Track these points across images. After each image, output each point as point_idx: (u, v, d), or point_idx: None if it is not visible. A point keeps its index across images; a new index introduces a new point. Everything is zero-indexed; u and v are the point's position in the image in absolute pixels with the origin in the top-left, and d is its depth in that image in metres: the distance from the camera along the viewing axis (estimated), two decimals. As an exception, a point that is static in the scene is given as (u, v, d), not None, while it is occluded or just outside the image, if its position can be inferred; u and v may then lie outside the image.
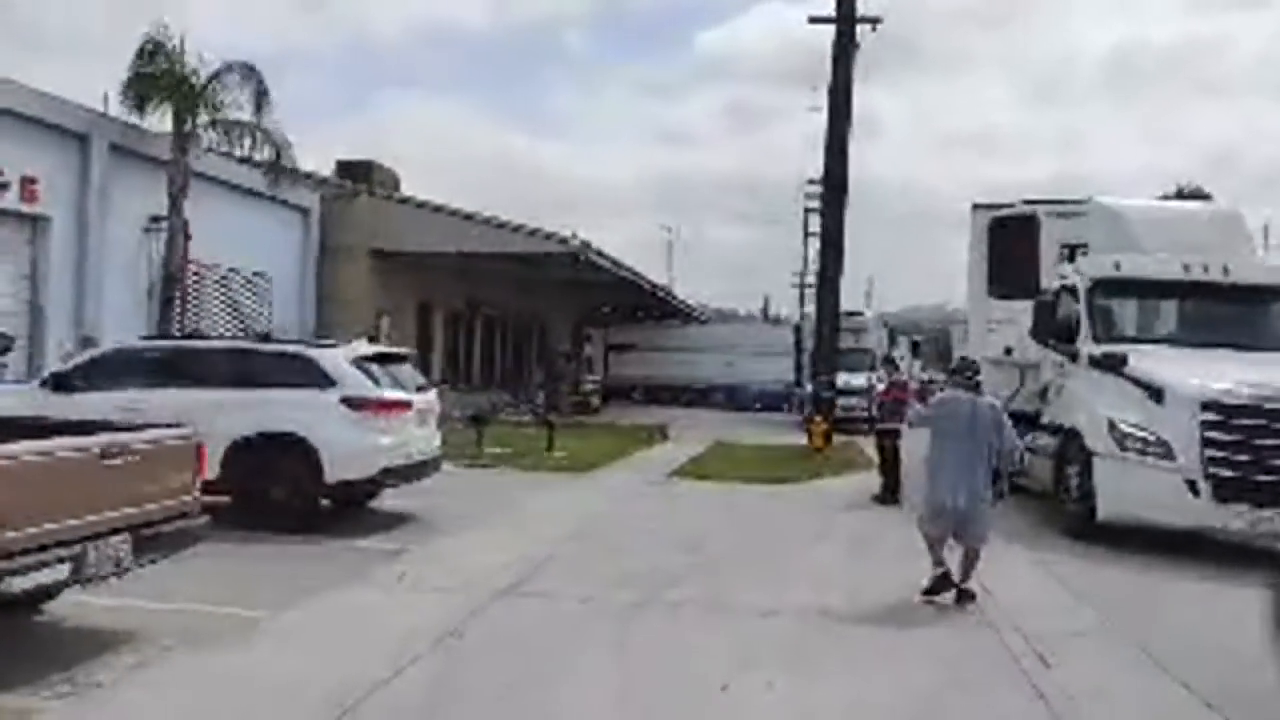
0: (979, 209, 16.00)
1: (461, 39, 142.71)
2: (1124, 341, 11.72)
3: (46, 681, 5.26)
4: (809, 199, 42.96)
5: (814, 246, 35.64)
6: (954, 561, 8.08)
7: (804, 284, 50.50)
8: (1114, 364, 11.16)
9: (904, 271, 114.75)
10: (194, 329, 16.26)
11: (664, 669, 6.13)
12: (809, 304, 39.25)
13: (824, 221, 22.51)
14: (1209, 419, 10.19)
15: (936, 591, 7.92)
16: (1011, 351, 14.33)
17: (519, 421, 23.32)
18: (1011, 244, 14.96)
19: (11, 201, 14.12)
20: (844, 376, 23.24)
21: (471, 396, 24.94)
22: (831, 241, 21.58)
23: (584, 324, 42.70)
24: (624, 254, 27.98)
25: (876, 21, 21.38)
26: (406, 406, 10.49)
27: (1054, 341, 12.59)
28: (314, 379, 10.05)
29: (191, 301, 17.48)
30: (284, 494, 9.71)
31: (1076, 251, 13.50)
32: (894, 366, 16.29)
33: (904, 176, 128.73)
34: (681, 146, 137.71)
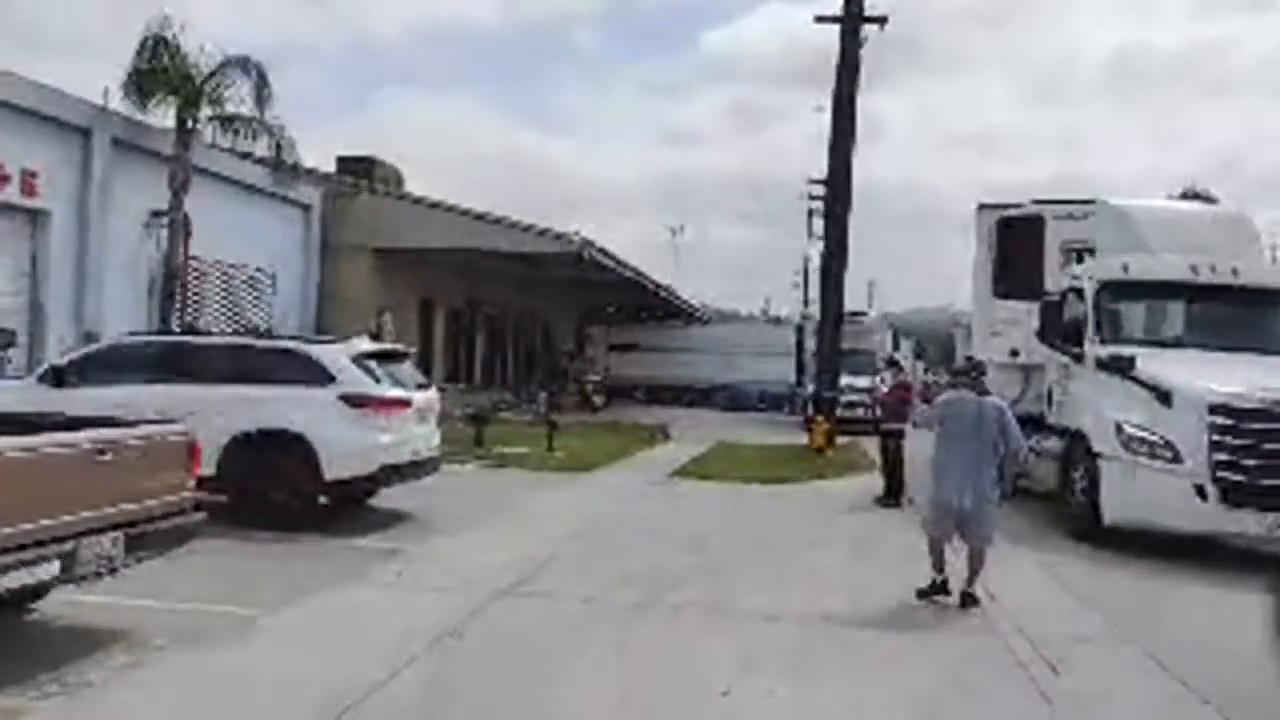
0: (984, 209, 15.86)
1: (470, 36, 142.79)
2: (1131, 343, 11.60)
3: (36, 681, 5.17)
4: (812, 200, 42.94)
5: (817, 247, 35.70)
6: (959, 565, 8.02)
7: (806, 284, 50.63)
8: (1121, 366, 11.04)
9: (906, 272, 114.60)
10: (189, 325, 16.12)
11: (665, 672, 6.05)
12: (812, 304, 39.20)
13: (828, 221, 22.33)
14: (1217, 422, 10.10)
15: (931, 595, 7.89)
16: (1017, 353, 14.21)
17: (521, 420, 23.24)
18: (1017, 245, 14.83)
19: (12, 195, 14.01)
20: (847, 378, 23.15)
21: (473, 395, 24.88)
22: (835, 241, 21.39)
23: (586, 323, 42.67)
24: (628, 254, 27.90)
25: (883, 21, 21.18)
26: (406, 404, 10.40)
27: (1060, 343, 12.51)
28: (313, 376, 9.96)
29: (192, 297, 17.40)
30: (282, 492, 9.62)
31: (1083, 253, 13.40)
32: (898, 367, 16.19)
33: (906, 177, 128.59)
34: (686, 146, 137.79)
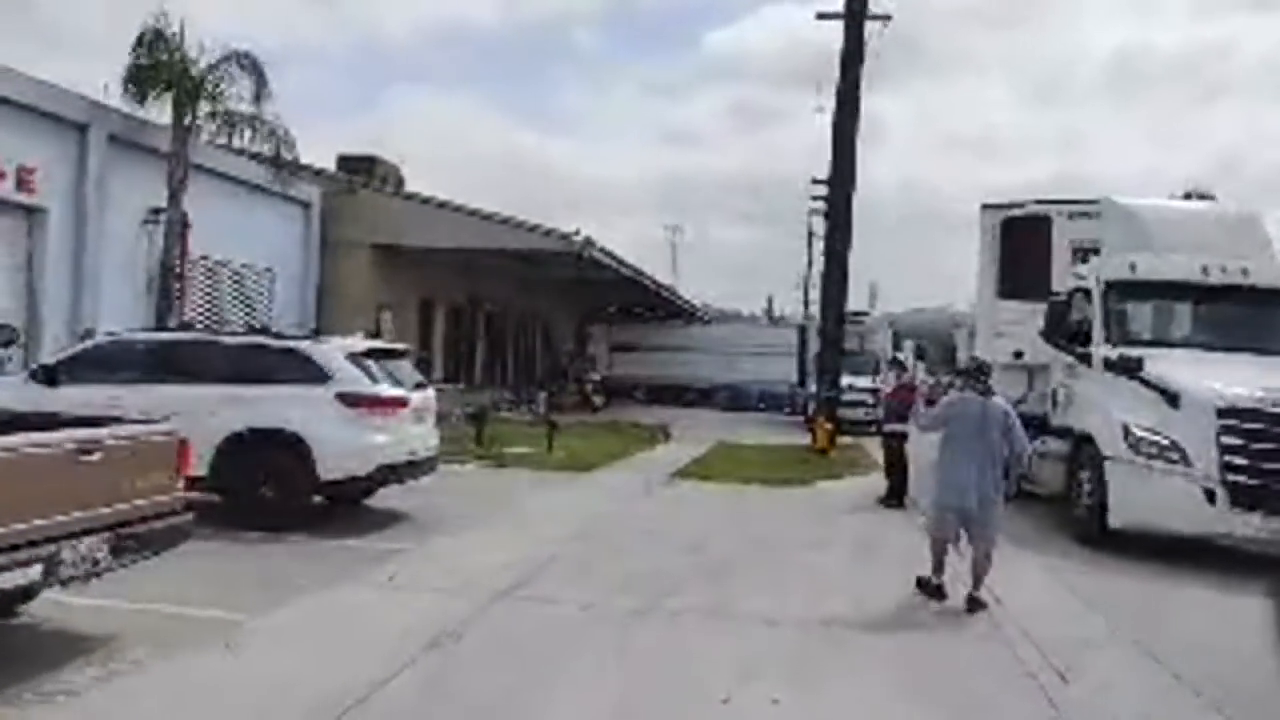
0: (988, 209, 15.66)
1: (471, 36, 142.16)
2: (1139, 344, 11.45)
3: (17, 687, 5.03)
4: (813, 200, 42.76)
5: (818, 247, 35.56)
6: (961, 570, 7.91)
7: (808, 284, 50.50)
8: (1129, 367, 10.88)
9: (907, 273, 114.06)
10: (182, 322, 15.99)
11: (664, 677, 5.93)
12: (813, 305, 39.07)
13: (829, 221, 22.17)
14: (1226, 424, 9.94)
15: (928, 591, 7.86)
16: (1022, 354, 14.06)
17: (520, 420, 23.11)
18: (1022, 245, 14.68)
19: (8, 192, 13.89)
20: (848, 378, 23.00)
21: (473, 394, 24.75)
22: (837, 241, 21.21)
23: (587, 322, 42.52)
24: (628, 253, 27.76)
25: (886, 19, 21.05)
26: (403, 404, 10.24)
27: (1066, 344, 12.36)
28: (309, 374, 9.81)
29: (191, 295, 17.27)
30: (276, 492, 9.48)
31: (1090, 253, 13.25)
32: (902, 368, 16.06)
33: (907, 178, 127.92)
34: (686, 146, 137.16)
